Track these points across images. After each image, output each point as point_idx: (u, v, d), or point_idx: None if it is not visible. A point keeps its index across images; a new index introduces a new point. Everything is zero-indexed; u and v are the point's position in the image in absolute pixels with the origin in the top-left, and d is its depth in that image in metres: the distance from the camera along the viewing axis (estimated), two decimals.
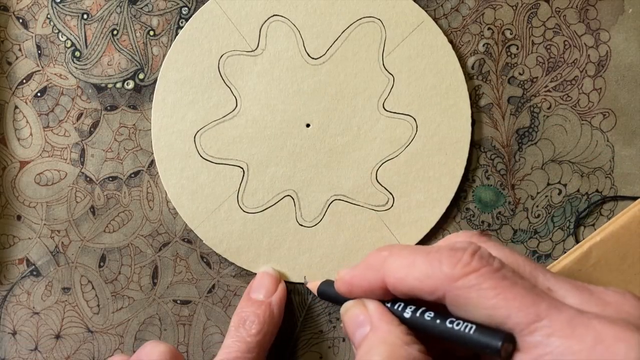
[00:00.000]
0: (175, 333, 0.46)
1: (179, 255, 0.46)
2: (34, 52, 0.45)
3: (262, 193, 0.45)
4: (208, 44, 0.44)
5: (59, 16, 0.45)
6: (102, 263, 0.46)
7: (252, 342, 0.41)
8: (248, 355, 0.40)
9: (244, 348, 0.41)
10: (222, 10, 0.44)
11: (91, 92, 0.45)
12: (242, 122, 0.45)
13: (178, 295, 0.46)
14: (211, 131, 0.45)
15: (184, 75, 0.45)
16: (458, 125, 0.45)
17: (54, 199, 0.46)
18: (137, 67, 0.45)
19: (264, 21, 0.44)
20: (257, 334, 0.41)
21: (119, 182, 0.46)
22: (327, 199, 0.45)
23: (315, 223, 0.45)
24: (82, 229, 0.46)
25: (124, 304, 0.46)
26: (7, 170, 0.45)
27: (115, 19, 0.45)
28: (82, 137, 0.45)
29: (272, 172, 0.45)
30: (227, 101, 0.45)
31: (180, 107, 0.45)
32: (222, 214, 0.45)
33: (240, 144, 0.45)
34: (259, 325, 0.41)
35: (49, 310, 0.46)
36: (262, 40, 0.44)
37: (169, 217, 0.46)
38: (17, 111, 0.45)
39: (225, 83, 0.44)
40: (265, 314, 0.42)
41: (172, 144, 0.45)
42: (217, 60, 0.44)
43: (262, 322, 0.42)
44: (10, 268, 0.46)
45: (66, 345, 0.46)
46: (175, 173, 0.45)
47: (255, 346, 0.41)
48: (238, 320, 0.42)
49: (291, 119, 0.45)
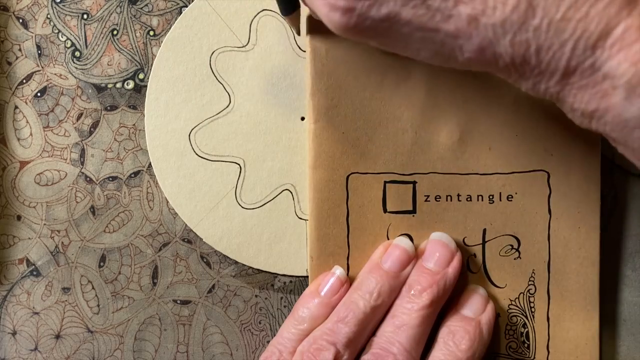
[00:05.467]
0: (175, 333, 0.46)
1: (179, 255, 0.46)
2: (34, 52, 0.45)
3: (260, 188, 0.45)
4: (199, 42, 0.44)
5: (59, 16, 0.45)
6: (102, 263, 0.46)
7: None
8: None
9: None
10: (211, 7, 0.44)
11: (91, 92, 0.45)
12: (237, 118, 0.45)
13: (178, 295, 0.46)
14: (206, 128, 0.45)
15: (176, 74, 0.45)
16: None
17: (54, 199, 0.46)
18: (137, 67, 0.45)
19: (254, 16, 0.44)
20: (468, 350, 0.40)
21: (119, 182, 0.46)
22: None
23: None
24: (82, 229, 0.46)
25: (124, 304, 0.46)
26: (7, 170, 0.46)
27: (115, 19, 0.45)
28: (82, 137, 0.45)
29: (269, 167, 0.45)
30: (221, 98, 0.45)
31: (173, 105, 0.45)
32: (220, 211, 0.45)
33: (235, 140, 0.45)
34: (469, 341, 0.40)
35: (49, 310, 0.46)
36: (252, 36, 0.44)
37: (169, 217, 0.45)
38: (17, 111, 0.45)
39: (217, 80, 0.44)
40: (476, 331, 0.41)
41: (167, 143, 0.45)
42: (208, 57, 0.44)
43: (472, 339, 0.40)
44: (10, 268, 0.46)
45: (66, 345, 0.46)
46: (172, 172, 0.45)
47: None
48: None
49: (285, 113, 0.44)
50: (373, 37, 0.31)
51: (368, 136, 0.41)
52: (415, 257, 0.41)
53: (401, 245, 0.41)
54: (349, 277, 0.42)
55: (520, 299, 0.43)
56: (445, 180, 0.42)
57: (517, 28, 0.28)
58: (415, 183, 0.42)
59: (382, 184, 0.42)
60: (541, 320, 0.43)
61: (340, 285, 0.41)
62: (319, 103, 0.41)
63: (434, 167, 0.42)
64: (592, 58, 0.28)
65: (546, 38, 0.28)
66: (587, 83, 0.28)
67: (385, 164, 0.42)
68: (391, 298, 0.40)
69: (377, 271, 0.41)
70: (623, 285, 0.45)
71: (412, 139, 0.42)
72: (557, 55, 0.28)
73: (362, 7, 0.30)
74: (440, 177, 0.42)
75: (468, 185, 0.42)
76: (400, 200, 0.42)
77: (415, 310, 0.39)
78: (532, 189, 0.42)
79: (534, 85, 0.30)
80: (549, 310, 0.43)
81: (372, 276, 0.40)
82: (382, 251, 0.42)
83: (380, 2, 0.30)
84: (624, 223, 0.45)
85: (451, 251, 0.41)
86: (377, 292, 0.40)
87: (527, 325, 0.43)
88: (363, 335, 0.40)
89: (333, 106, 0.41)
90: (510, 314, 0.43)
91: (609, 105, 0.28)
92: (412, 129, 0.41)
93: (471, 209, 0.42)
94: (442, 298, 0.40)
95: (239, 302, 0.46)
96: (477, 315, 0.41)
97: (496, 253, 0.43)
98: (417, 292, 0.40)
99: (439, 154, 0.42)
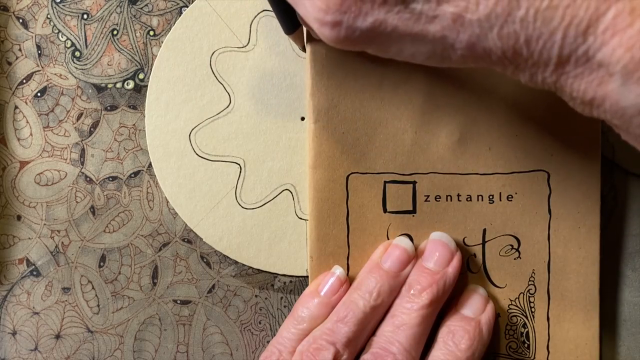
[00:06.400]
0: (175, 333, 0.46)
1: (179, 255, 0.46)
2: (34, 52, 0.45)
3: (260, 188, 0.45)
4: (199, 42, 0.44)
5: (59, 16, 0.45)
6: (102, 263, 0.46)
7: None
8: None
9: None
10: (211, 8, 0.44)
11: (91, 92, 0.45)
12: (237, 118, 0.45)
13: (178, 295, 0.46)
14: (206, 129, 0.45)
15: (176, 74, 0.45)
16: None
17: (54, 199, 0.46)
18: (137, 67, 0.45)
19: (254, 17, 0.44)
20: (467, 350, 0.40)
21: (119, 182, 0.46)
22: None
23: None
24: (82, 229, 0.46)
25: (124, 304, 0.46)
26: (7, 170, 0.46)
27: (115, 19, 0.45)
28: (82, 137, 0.45)
29: (269, 167, 0.45)
30: (221, 98, 0.45)
31: (174, 105, 0.45)
32: (220, 211, 0.45)
33: (235, 140, 0.45)
34: (469, 340, 0.40)
35: (49, 310, 0.46)
36: (252, 36, 0.44)
37: (169, 217, 0.45)
38: (17, 111, 0.45)
39: (218, 80, 0.44)
40: (475, 331, 0.41)
41: (167, 143, 0.45)
42: (208, 58, 0.44)
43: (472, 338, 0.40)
44: (10, 268, 0.46)
45: (66, 345, 0.46)
46: (172, 172, 0.45)
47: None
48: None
49: (285, 113, 0.45)
50: (366, 45, 0.32)
51: (368, 136, 0.41)
52: (415, 257, 0.41)
53: (401, 245, 0.41)
54: (349, 277, 0.42)
55: (520, 299, 0.43)
56: (445, 180, 0.42)
57: (503, 20, 0.28)
58: (415, 183, 0.42)
59: (382, 184, 0.42)
60: (541, 320, 0.43)
61: (340, 285, 0.41)
62: (319, 103, 0.41)
63: (434, 167, 0.42)
64: (585, 45, 0.27)
65: (534, 28, 0.28)
66: (583, 71, 0.28)
67: (385, 164, 0.42)
68: (391, 298, 0.40)
69: (377, 271, 0.41)
70: (623, 285, 0.45)
71: (412, 139, 0.42)
72: (548, 44, 0.28)
73: (348, 19, 0.30)
74: (440, 177, 0.42)
75: (468, 185, 0.42)
76: (400, 200, 0.42)
77: (415, 309, 0.39)
78: (532, 189, 0.42)
79: (531, 76, 0.30)
80: (549, 310, 0.43)
81: (371, 276, 0.40)
82: (382, 251, 0.42)
83: (364, 12, 0.30)
84: (624, 223, 0.45)
85: (451, 251, 0.41)
86: (377, 292, 0.40)
87: (527, 325, 0.43)
88: (363, 335, 0.40)
89: (333, 106, 0.41)
90: (510, 314, 0.43)
91: (606, 93, 0.28)
92: (412, 129, 0.41)
93: (471, 209, 0.42)
94: (442, 298, 0.40)
95: (239, 302, 0.46)
96: (477, 315, 0.41)
97: (496, 253, 0.43)
98: (416, 291, 0.40)
99: (439, 154, 0.42)
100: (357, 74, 0.41)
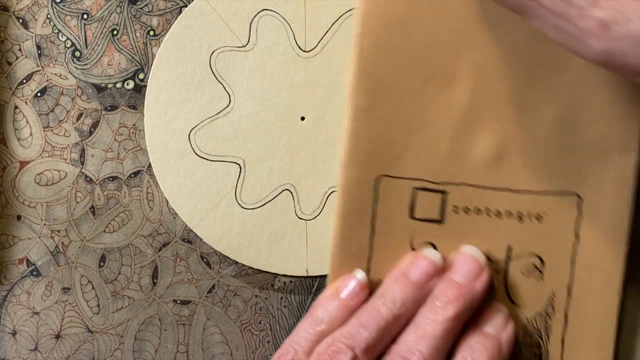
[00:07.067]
0: (175, 333, 0.46)
1: (179, 255, 0.46)
2: (34, 52, 0.45)
3: (260, 188, 0.45)
4: (198, 42, 0.44)
5: (59, 16, 0.45)
6: (102, 263, 0.46)
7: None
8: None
9: None
10: (211, 7, 0.44)
11: (91, 92, 0.45)
12: (237, 118, 0.45)
13: (178, 295, 0.46)
14: (205, 128, 0.45)
15: (175, 74, 0.45)
16: None
17: (54, 199, 0.46)
18: (137, 67, 0.45)
19: (254, 16, 0.44)
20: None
21: (119, 182, 0.46)
22: (326, 191, 0.45)
23: (315, 215, 0.45)
24: (82, 229, 0.46)
25: (124, 304, 0.46)
26: (7, 170, 0.46)
27: (115, 19, 0.45)
28: (82, 137, 0.45)
29: (269, 167, 0.45)
30: (221, 98, 0.45)
31: (173, 105, 0.45)
32: (220, 211, 0.45)
33: (235, 140, 0.45)
34: (487, 357, 0.39)
35: (49, 310, 0.46)
36: (252, 35, 0.44)
37: (169, 217, 0.45)
38: (17, 111, 0.45)
39: (217, 80, 0.44)
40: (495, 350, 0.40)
41: (166, 143, 0.45)
42: (208, 57, 0.44)
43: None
44: (10, 268, 0.46)
45: (66, 345, 0.46)
46: (172, 172, 0.45)
47: None
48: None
49: (285, 113, 0.44)
50: (516, 9, 0.33)
51: (403, 140, 0.41)
52: (442, 270, 0.41)
53: (429, 257, 0.41)
54: (369, 280, 0.41)
55: (537, 318, 0.42)
56: (476, 193, 0.41)
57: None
58: (445, 192, 0.41)
59: (411, 190, 0.41)
60: (556, 343, 0.42)
61: (360, 289, 0.41)
62: (358, 103, 0.41)
63: (467, 178, 0.41)
64: None
65: None
66: None
67: (417, 170, 0.41)
68: (414, 309, 0.40)
69: (403, 281, 0.40)
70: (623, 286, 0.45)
71: (447, 147, 0.41)
72: None
73: None
74: (472, 190, 0.41)
75: (499, 201, 0.41)
76: (428, 208, 0.41)
77: (440, 322, 0.39)
78: (562, 211, 0.41)
79: None
80: (564, 334, 0.42)
81: (397, 285, 0.40)
82: (410, 260, 0.41)
83: None
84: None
85: (481, 266, 0.41)
86: (401, 302, 0.39)
87: (541, 346, 0.43)
88: (382, 342, 0.39)
89: (371, 107, 0.41)
90: (525, 332, 0.43)
91: None
92: (448, 137, 0.41)
93: (499, 225, 0.42)
94: (467, 312, 0.40)
95: (239, 302, 0.46)
96: (497, 333, 0.40)
97: (518, 271, 0.42)
98: (442, 303, 0.39)
99: (473, 166, 0.41)
100: (400, 77, 0.40)
